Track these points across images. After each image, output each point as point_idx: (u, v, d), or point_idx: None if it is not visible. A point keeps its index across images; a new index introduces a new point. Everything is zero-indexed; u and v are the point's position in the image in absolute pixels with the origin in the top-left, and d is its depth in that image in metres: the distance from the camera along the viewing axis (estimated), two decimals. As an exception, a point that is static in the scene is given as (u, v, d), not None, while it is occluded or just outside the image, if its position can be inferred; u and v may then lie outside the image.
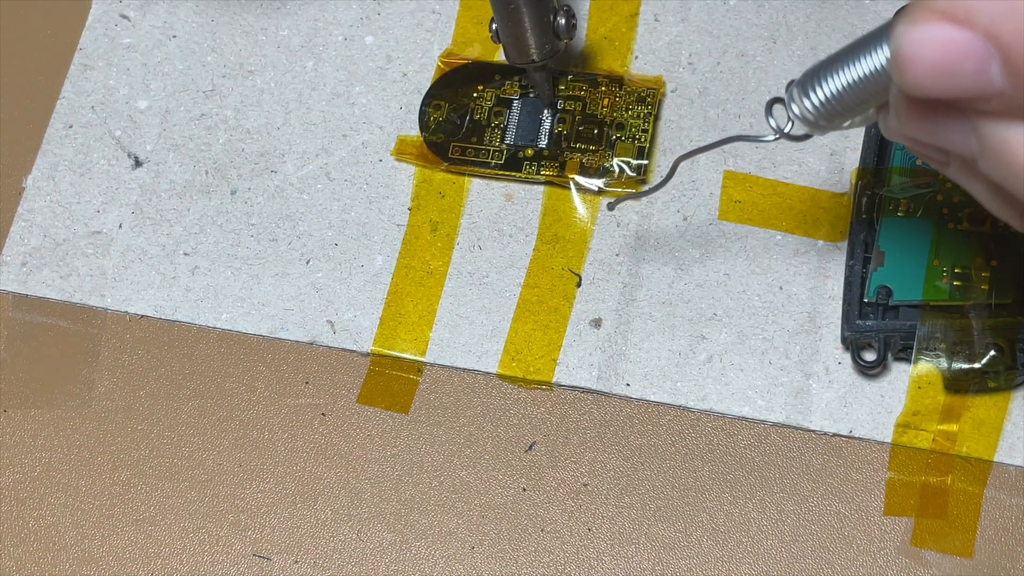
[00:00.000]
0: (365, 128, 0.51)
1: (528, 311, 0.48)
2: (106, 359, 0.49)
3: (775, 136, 0.38)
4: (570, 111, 0.49)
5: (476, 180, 0.50)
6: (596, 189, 0.49)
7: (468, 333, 0.48)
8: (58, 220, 0.51)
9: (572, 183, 0.49)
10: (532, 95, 0.50)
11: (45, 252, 0.50)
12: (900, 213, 0.46)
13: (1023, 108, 0.30)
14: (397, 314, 0.48)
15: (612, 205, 0.48)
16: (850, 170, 0.48)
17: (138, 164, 0.51)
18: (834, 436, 0.45)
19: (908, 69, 0.30)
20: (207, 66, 0.52)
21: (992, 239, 0.45)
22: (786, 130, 0.38)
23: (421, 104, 0.50)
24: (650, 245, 0.48)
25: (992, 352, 0.44)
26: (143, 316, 0.49)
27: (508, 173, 0.49)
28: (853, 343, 0.45)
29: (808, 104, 0.36)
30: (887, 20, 0.33)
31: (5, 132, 0.52)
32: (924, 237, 0.45)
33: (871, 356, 0.45)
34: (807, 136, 0.38)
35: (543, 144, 0.49)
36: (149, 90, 0.52)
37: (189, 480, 0.47)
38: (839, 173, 0.48)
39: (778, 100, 0.37)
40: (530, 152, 0.49)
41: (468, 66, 0.51)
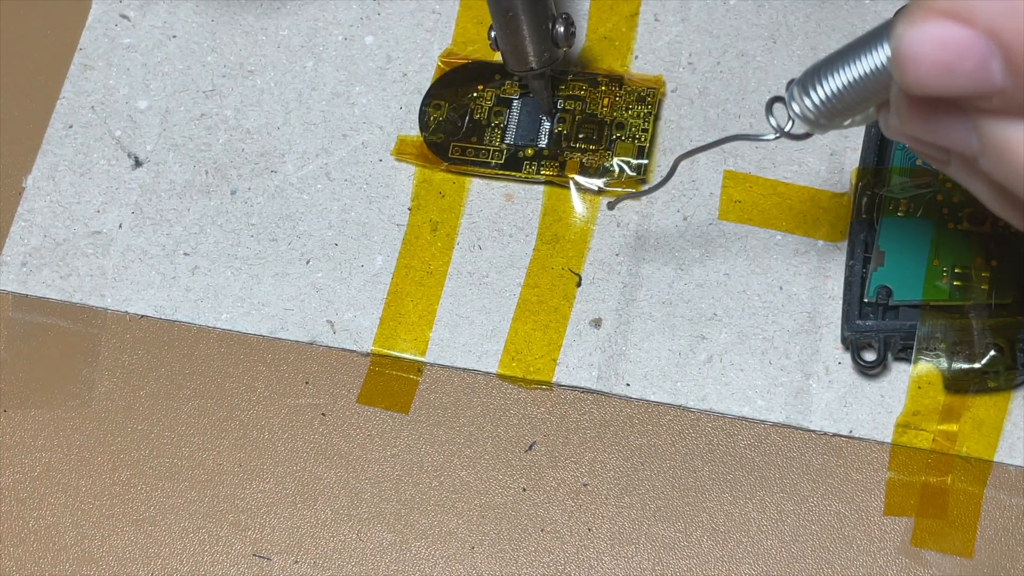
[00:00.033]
0: (365, 128, 0.51)
1: (528, 311, 0.48)
2: (106, 359, 0.49)
3: (776, 135, 0.38)
4: (570, 111, 0.49)
5: (476, 180, 0.50)
6: (596, 189, 0.49)
7: (468, 333, 0.48)
8: (58, 220, 0.51)
9: (572, 183, 0.49)
10: (532, 96, 0.50)
11: (45, 252, 0.50)
12: (900, 213, 0.46)
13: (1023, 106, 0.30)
14: (397, 314, 0.48)
15: (612, 204, 0.48)
16: (850, 170, 0.48)
17: (138, 164, 0.51)
18: (834, 436, 0.45)
19: (909, 67, 0.30)
20: (207, 66, 0.52)
21: (992, 239, 0.45)
22: (787, 129, 0.38)
23: (421, 104, 0.50)
24: (650, 245, 0.48)
25: (992, 352, 0.44)
26: (143, 316, 0.49)
27: (508, 173, 0.49)
28: (853, 343, 0.45)
29: (809, 103, 0.36)
30: (888, 19, 0.33)
31: (5, 132, 0.52)
32: (924, 237, 0.45)
33: (871, 356, 0.45)
34: (807, 135, 0.38)
35: (543, 144, 0.49)
36: (149, 90, 0.52)
37: (189, 480, 0.47)
38: (839, 173, 0.48)
39: (779, 99, 0.37)
40: (530, 152, 0.49)
41: (468, 66, 0.51)
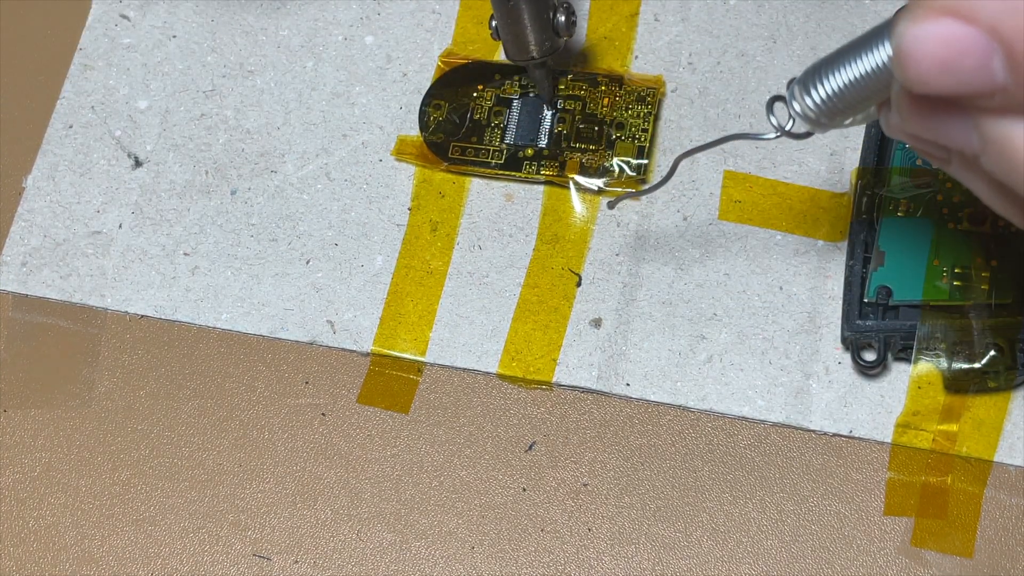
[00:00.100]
0: (365, 128, 0.51)
1: (528, 311, 0.48)
2: (106, 359, 0.49)
3: (776, 134, 0.38)
4: (570, 111, 0.49)
5: (476, 180, 0.50)
6: (596, 189, 0.49)
7: (468, 333, 0.48)
8: (58, 220, 0.51)
9: (572, 183, 0.49)
10: (532, 94, 0.50)
11: (45, 252, 0.50)
12: (900, 213, 0.46)
13: (1024, 104, 0.30)
14: (397, 314, 0.48)
15: (612, 204, 0.48)
16: (850, 170, 0.48)
17: (138, 164, 0.51)
18: (834, 436, 0.45)
19: (910, 65, 0.30)
20: (207, 66, 0.52)
21: (992, 239, 0.45)
22: (787, 128, 0.38)
23: (421, 104, 0.50)
24: (650, 245, 0.48)
25: (992, 352, 0.44)
26: (143, 316, 0.49)
27: (508, 173, 0.49)
28: (853, 343, 0.45)
29: (809, 101, 0.36)
30: (888, 17, 0.33)
31: (5, 132, 0.52)
32: (924, 237, 0.45)
33: (871, 356, 0.45)
34: (808, 134, 0.38)
35: (543, 144, 0.49)
36: (149, 90, 0.52)
37: (189, 480, 0.47)
38: (839, 173, 0.48)
39: (779, 98, 0.37)
40: (530, 152, 0.49)
41: (468, 66, 0.51)
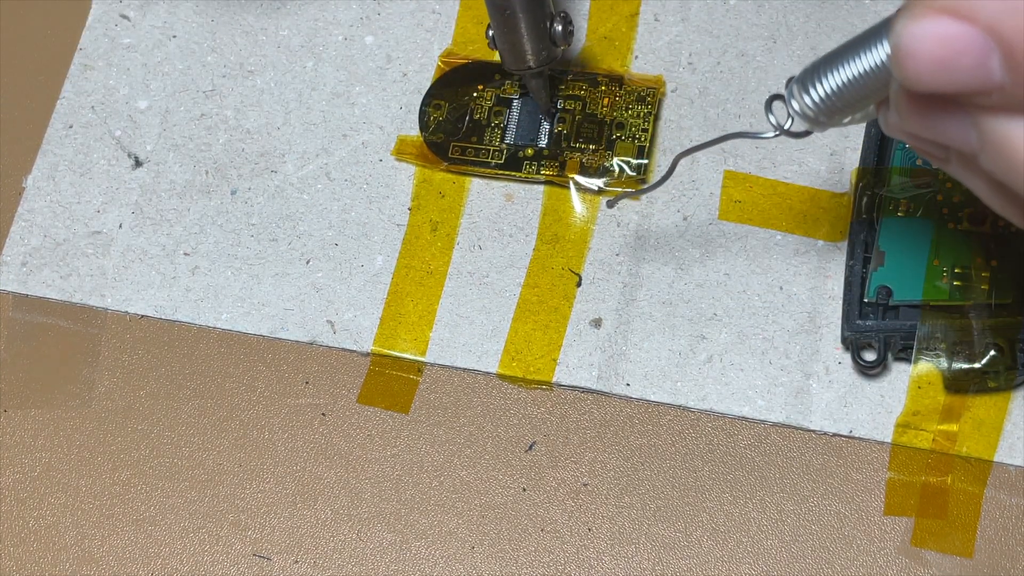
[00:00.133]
0: (365, 128, 0.51)
1: (528, 311, 0.48)
2: (106, 359, 0.49)
3: (775, 133, 0.38)
4: (570, 111, 0.49)
5: (476, 180, 0.50)
6: (596, 189, 0.49)
7: (468, 333, 0.48)
8: (58, 220, 0.51)
9: (572, 183, 0.49)
10: (531, 96, 0.50)
11: (45, 252, 0.50)
12: (900, 213, 0.46)
13: (1023, 103, 0.30)
14: (397, 314, 0.48)
15: (612, 203, 0.48)
16: (850, 170, 0.48)
17: (138, 164, 0.51)
18: (834, 436, 0.45)
19: (909, 64, 0.30)
20: (207, 66, 0.52)
21: (992, 239, 0.45)
22: (786, 127, 0.38)
23: (421, 104, 0.50)
24: (650, 245, 0.48)
25: (992, 352, 0.44)
26: (143, 316, 0.49)
27: (508, 173, 0.49)
28: (853, 343, 0.45)
29: (808, 100, 0.36)
30: (887, 16, 0.33)
31: (5, 132, 0.52)
32: (924, 237, 0.45)
33: (871, 356, 0.45)
34: (807, 133, 0.38)
35: (543, 144, 0.49)
36: (149, 90, 0.52)
37: (189, 480, 0.47)
38: (839, 173, 0.48)
39: (778, 97, 0.37)
40: (530, 152, 0.49)
41: (468, 66, 0.51)
